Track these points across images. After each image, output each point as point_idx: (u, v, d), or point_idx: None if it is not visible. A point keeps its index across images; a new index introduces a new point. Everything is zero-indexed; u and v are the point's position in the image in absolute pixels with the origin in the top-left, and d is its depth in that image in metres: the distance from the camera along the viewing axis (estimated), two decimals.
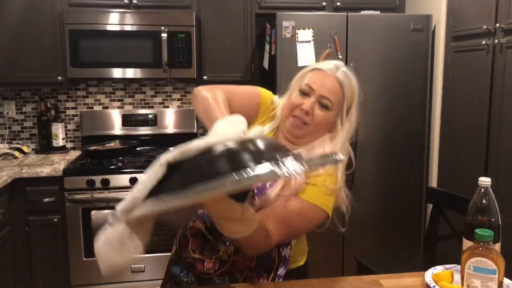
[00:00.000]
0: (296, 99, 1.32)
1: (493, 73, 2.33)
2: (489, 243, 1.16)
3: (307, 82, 1.32)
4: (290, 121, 1.33)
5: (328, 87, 1.31)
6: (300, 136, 1.34)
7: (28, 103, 3.23)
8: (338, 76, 1.31)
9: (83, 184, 2.69)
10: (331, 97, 1.30)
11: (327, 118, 1.32)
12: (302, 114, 1.30)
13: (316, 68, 1.35)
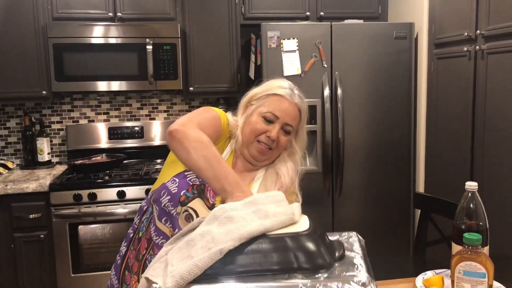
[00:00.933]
0: (259, 125, 1.38)
1: (476, 78, 2.37)
2: (477, 247, 1.18)
3: (270, 110, 1.38)
4: (255, 147, 1.40)
5: (291, 114, 1.40)
6: (264, 160, 1.43)
7: (12, 118, 3.19)
8: (297, 102, 1.41)
9: (69, 199, 2.66)
10: (293, 123, 1.41)
11: (288, 141, 1.44)
12: (268, 141, 1.38)
13: (275, 94, 1.40)
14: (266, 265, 0.96)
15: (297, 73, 2.74)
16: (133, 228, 1.47)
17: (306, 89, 2.73)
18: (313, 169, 2.83)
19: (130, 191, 2.70)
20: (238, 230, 0.97)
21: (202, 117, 1.37)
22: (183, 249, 0.98)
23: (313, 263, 0.97)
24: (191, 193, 1.32)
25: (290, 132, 1.42)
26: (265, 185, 1.42)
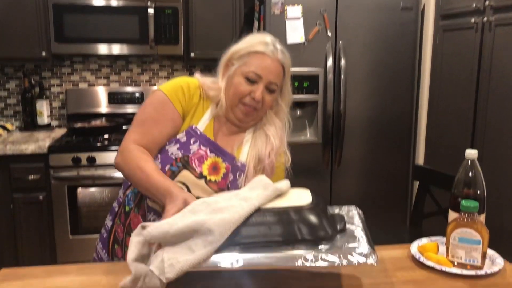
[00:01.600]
0: (242, 87, 1.33)
1: (482, 52, 2.33)
2: (474, 214, 1.18)
3: (253, 69, 1.32)
4: (240, 109, 1.36)
5: (275, 72, 1.34)
6: (250, 121, 1.40)
7: (11, 79, 3.16)
8: (280, 59, 1.35)
9: (68, 162, 2.66)
10: (277, 80, 1.35)
11: (274, 99, 1.39)
12: (252, 102, 1.34)
13: (256, 51, 1.33)
14: (270, 236, 0.99)
15: (301, 41, 2.69)
16: (118, 202, 1.46)
17: (309, 58, 2.73)
18: (312, 140, 2.82)
19: None
20: (232, 217, 0.99)
21: (141, 120, 1.34)
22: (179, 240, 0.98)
23: (316, 235, 1.00)
24: (175, 167, 1.30)
25: (275, 90, 1.36)
26: (256, 147, 1.40)
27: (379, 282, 1.13)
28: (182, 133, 1.34)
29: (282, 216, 1.02)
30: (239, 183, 1.37)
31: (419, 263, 1.22)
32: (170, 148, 1.32)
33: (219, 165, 1.34)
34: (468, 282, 1.13)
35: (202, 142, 1.34)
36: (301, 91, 2.74)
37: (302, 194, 1.14)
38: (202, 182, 1.31)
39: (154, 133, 1.31)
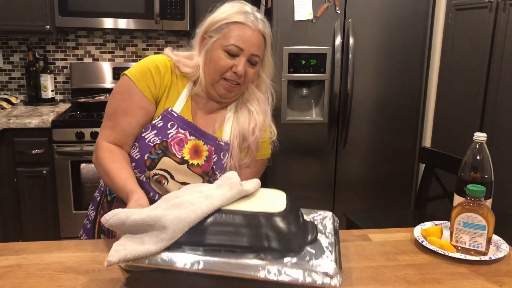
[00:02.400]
0: (223, 62, 1.25)
1: (495, 32, 2.26)
2: (480, 199, 1.15)
3: (233, 42, 1.24)
4: (221, 85, 1.28)
5: (256, 44, 1.26)
6: (232, 97, 1.33)
7: (15, 52, 3.13)
8: (261, 29, 1.26)
9: (72, 137, 2.65)
10: (259, 52, 1.28)
11: (256, 72, 1.32)
12: (234, 76, 1.26)
13: (236, 22, 1.24)
14: (236, 240, 0.94)
15: (309, 18, 2.63)
16: (100, 191, 1.42)
17: (316, 36, 2.67)
18: (318, 120, 2.78)
19: None
20: (187, 216, 0.94)
21: (110, 112, 1.26)
22: (135, 231, 0.96)
23: (284, 245, 0.94)
24: (155, 155, 1.24)
25: (257, 62, 1.28)
26: (239, 124, 1.34)
27: (380, 265, 1.11)
28: (158, 118, 1.26)
29: (252, 221, 0.96)
30: (224, 163, 1.32)
31: (422, 247, 1.20)
32: (147, 135, 1.25)
33: (201, 148, 1.29)
34: (472, 268, 1.11)
35: (180, 125, 1.27)
36: (308, 70, 2.69)
37: (277, 197, 1.07)
38: (184, 167, 1.26)
39: (123, 125, 1.24)
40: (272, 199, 1.06)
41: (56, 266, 1.06)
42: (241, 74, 1.26)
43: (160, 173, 1.25)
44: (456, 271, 1.09)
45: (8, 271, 1.04)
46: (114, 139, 1.25)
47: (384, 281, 1.04)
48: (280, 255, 0.93)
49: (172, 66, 1.30)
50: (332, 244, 1.02)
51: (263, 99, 1.36)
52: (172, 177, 1.26)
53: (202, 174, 1.28)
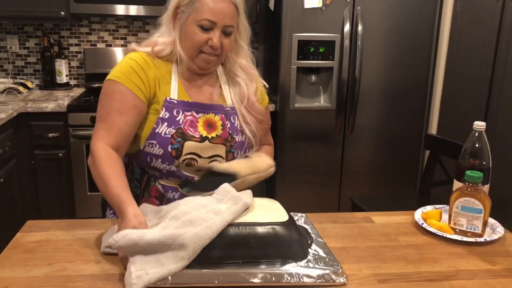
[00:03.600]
0: (198, 36, 1.26)
1: (502, 20, 2.30)
2: (478, 184, 1.21)
3: (205, 16, 1.24)
4: (201, 59, 1.30)
5: (229, 14, 1.27)
6: (214, 67, 1.36)
7: (31, 38, 3.20)
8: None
9: (87, 121, 2.73)
10: (233, 22, 1.29)
11: (233, 40, 1.33)
12: (211, 49, 1.28)
13: None
14: (252, 252, 1.00)
15: (318, 6, 2.67)
16: None
17: (325, 23, 2.71)
18: (326, 106, 2.84)
19: None
20: (205, 232, 0.96)
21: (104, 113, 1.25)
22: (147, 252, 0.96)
23: (294, 252, 1.02)
24: (176, 144, 1.28)
25: (231, 32, 1.30)
26: (235, 90, 1.39)
27: (382, 245, 1.19)
28: (162, 110, 1.29)
29: (264, 231, 1.02)
30: (237, 125, 1.37)
31: (422, 229, 1.28)
32: (160, 129, 1.28)
33: (213, 120, 1.33)
34: (467, 248, 1.18)
35: (183, 108, 1.31)
36: (316, 57, 2.74)
37: (275, 207, 1.14)
38: (206, 143, 1.31)
39: (121, 124, 1.22)
40: (272, 209, 1.13)
41: (81, 242, 1.15)
42: (217, 47, 1.28)
43: (187, 157, 1.29)
44: (453, 251, 1.17)
45: (38, 245, 1.13)
46: (111, 140, 1.22)
47: (384, 259, 1.12)
48: (293, 261, 1.01)
49: (148, 58, 1.30)
50: (324, 245, 1.12)
51: (245, 65, 1.39)
52: (199, 156, 1.31)
53: (224, 142, 1.34)
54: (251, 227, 1.02)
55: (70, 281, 0.99)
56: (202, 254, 0.96)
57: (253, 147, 1.43)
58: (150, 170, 1.34)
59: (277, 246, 1.01)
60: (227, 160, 1.35)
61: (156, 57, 1.31)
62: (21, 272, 1.01)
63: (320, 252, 1.07)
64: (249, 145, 1.41)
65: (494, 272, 1.08)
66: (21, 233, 1.20)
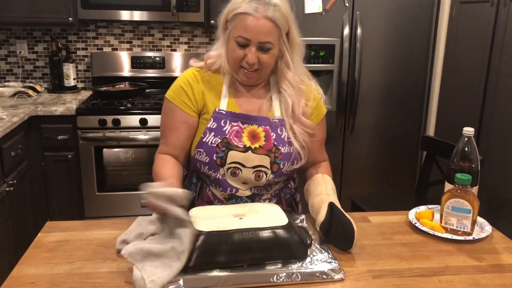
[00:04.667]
0: (236, 53, 1.31)
1: (496, 26, 2.37)
2: (467, 186, 1.30)
3: (239, 33, 1.28)
4: (241, 73, 1.35)
5: (263, 31, 1.27)
6: (257, 81, 1.40)
7: (39, 42, 3.29)
8: (267, 14, 1.26)
9: (95, 123, 2.82)
10: (270, 38, 1.29)
11: (274, 56, 1.34)
12: (248, 65, 1.32)
13: (241, 13, 1.28)
14: (257, 255, 1.08)
15: (318, 11, 2.75)
16: None
17: (325, 28, 2.79)
18: (327, 108, 2.89)
19: (152, 119, 2.84)
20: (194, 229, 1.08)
21: (162, 131, 1.42)
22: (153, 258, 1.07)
23: (295, 253, 1.11)
24: (221, 153, 1.35)
25: (269, 49, 1.30)
26: (286, 102, 1.39)
27: (377, 244, 1.27)
28: (210, 121, 1.37)
29: (267, 236, 1.10)
30: (284, 137, 1.39)
31: (415, 228, 1.36)
32: (207, 139, 1.36)
33: (256, 131, 1.38)
34: (457, 246, 1.27)
35: (231, 119, 1.37)
36: (317, 60, 2.83)
37: (276, 211, 1.22)
38: (249, 153, 1.36)
39: (173, 140, 1.39)
40: (272, 213, 1.21)
41: (98, 242, 1.24)
42: (252, 63, 1.30)
43: (232, 166, 1.36)
44: (443, 249, 1.26)
45: (58, 245, 1.22)
46: (167, 152, 1.40)
47: (379, 257, 1.21)
48: (295, 261, 1.10)
49: (199, 73, 1.41)
50: (323, 243, 1.21)
51: (293, 79, 1.38)
52: (243, 165, 1.37)
53: (267, 152, 1.37)
54: (253, 232, 1.10)
55: (90, 277, 1.08)
56: (210, 259, 1.06)
57: (302, 159, 1.43)
58: (202, 176, 1.44)
59: (279, 248, 1.10)
60: (272, 171, 1.38)
61: (209, 70, 1.41)
62: (45, 270, 1.11)
63: (319, 251, 1.16)
64: (298, 156, 1.42)
65: (480, 268, 1.16)
66: (42, 233, 1.29)
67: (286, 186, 1.53)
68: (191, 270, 1.05)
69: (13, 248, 2.35)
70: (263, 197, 1.45)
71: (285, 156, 1.39)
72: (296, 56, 1.38)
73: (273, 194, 1.48)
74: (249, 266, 1.08)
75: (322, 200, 1.31)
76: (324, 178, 1.45)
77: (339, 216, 1.22)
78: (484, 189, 1.65)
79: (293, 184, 1.58)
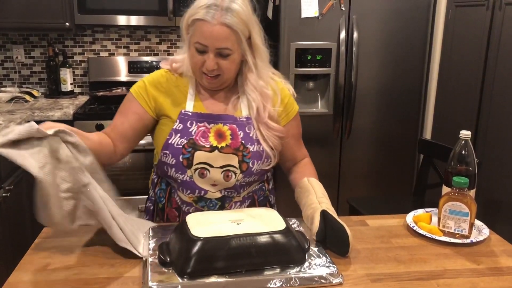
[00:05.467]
0: (195, 59, 1.32)
1: (491, 30, 2.39)
2: (464, 189, 1.30)
3: (196, 39, 1.28)
4: (204, 79, 1.35)
5: (220, 38, 1.26)
6: (220, 86, 1.39)
7: (36, 47, 3.29)
8: (223, 21, 1.25)
9: (92, 128, 2.81)
10: (227, 44, 1.28)
11: (234, 61, 1.33)
12: (208, 71, 1.32)
13: (198, 19, 1.27)
14: (255, 260, 1.08)
15: (315, 15, 2.76)
16: (151, 201, 1.52)
17: (322, 32, 2.80)
18: (324, 112, 2.93)
19: None
20: None
21: (115, 115, 1.43)
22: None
23: (292, 257, 1.11)
24: (187, 153, 1.34)
25: (229, 54, 1.30)
26: (252, 102, 1.40)
27: (375, 247, 1.27)
28: (176, 122, 1.37)
29: (264, 241, 1.10)
30: (252, 136, 1.39)
31: (413, 231, 1.36)
32: (173, 140, 1.36)
33: (222, 130, 1.37)
34: (455, 249, 1.27)
35: (197, 120, 1.37)
36: (314, 64, 2.83)
37: (272, 216, 1.22)
38: (216, 153, 1.35)
39: (117, 123, 1.40)
40: (270, 218, 1.21)
41: (95, 248, 1.24)
42: (211, 69, 1.30)
43: (199, 166, 1.35)
44: (441, 252, 1.26)
45: (56, 251, 1.22)
46: (106, 131, 1.39)
47: (377, 260, 1.20)
48: (293, 265, 1.10)
49: (167, 74, 1.43)
50: (321, 247, 1.20)
51: (257, 84, 1.38)
52: (210, 165, 1.36)
53: (234, 151, 1.37)
54: (251, 237, 1.10)
55: (88, 283, 1.08)
56: (208, 265, 1.06)
57: (272, 161, 1.43)
58: (170, 180, 1.43)
59: (277, 253, 1.10)
60: (241, 170, 1.37)
61: (175, 72, 1.42)
62: (42, 276, 1.10)
63: (316, 255, 1.16)
64: (268, 157, 1.41)
65: (478, 271, 1.16)
66: (39, 239, 1.28)
67: (260, 188, 1.51)
68: (189, 276, 1.04)
69: (10, 254, 2.34)
70: (234, 200, 1.43)
71: (254, 155, 1.38)
72: (259, 60, 1.38)
73: (246, 197, 1.45)
74: (247, 271, 1.08)
75: (314, 210, 1.30)
76: (311, 184, 1.43)
77: (332, 223, 1.23)
78: (482, 192, 1.66)
79: (268, 186, 1.55)
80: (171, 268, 1.08)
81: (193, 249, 1.06)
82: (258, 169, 1.41)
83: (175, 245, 1.12)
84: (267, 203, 1.55)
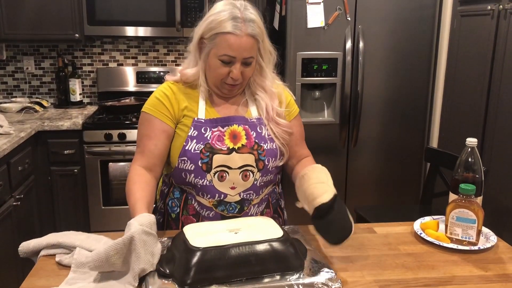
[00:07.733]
0: (220, 70, 1.36)
1: (496, 38, 2.40)
2: (471, 197, 1.31)
3: (224, 52, 1.32)
4: (224, 87, 1.41)
5: (247, 48, 1.33)
6: (237, 91, 1.46)
7: (46, 59, 3.35)
8: (249, 33, 1.32)
9: (101, 138, 2.85)
10: (252, 53, 1.36)
11: (253, 67, 1.41)
12: (232, 80, 1.37)
13: (224, 32, 1.31)
14: (255, 268, 1.08)
15: (321, 25, 2.79)
16: (160, 213, 1.52)
17: (328, 42, 2.84)
18: (330, 121, 2.95)
19: None
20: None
21: (138, 141, 1.43)
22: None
23: (291, 265, 1.12)
24: (205, 158, 1.37)
25: (251, 62, 1.38)
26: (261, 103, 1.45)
27: (383, 254, 1.28)
28: (191, 129, 1.40)
29: (263, 249, 1.10)
30: (264, 135, 1.43)
31: (420, 239, 1.37)
32: (190, 147, 1.38)
33: (237, 131, 1.41)
34: (462, 256, 1.28)
35: (210, 125, 1.40)
36: (320, 73, 2.86)
37: (269, 224, 1.23)
38: (234, 154, 1.38)
39: (151, 147, 1.39)
40: (267, 226, 1.22)
41: None
42: (238, 78, 1.37)
43: (218, 170, 1.38)
44: (449, 259, 1.27)
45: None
46: (144, 162, 1.39)
47: (385, 267, 1.21)
48: (292, 272, 1.10)
49: (175, 86, 1.45)
50: (318, 253, 1.21)
51: (266, 85, 1.45)
52: (229, 167, 1.38)
53: (250, 150, 1.40)
54: (250, 246, 1.10)
55: None
56: (208, 275, 1.06)
57: (285, 156, 1.47)
58: (187, 187, 1.44)
59: (276, 261, 1.10)
60: (258, 169, 1.40)
61: (184, 83, 1.44)
62: (55, 281, 1.12)
63: (314, 261, 1.17)
64: (281, 153, 1.46)
65: (486, 278, 1.17)
66: None
67: (273, 191, 1.54)
68: (189, 287, 1.05)
69: (20, 261, 2.36)
70: (253, 202, 1.44)
71: (269, 152, 1.42)
72: (268, 63, 1.45)
73: (263, 199, 1.48)
74: (247, 280, 1.08)
75: (327, 190, 1.29)
76: (323, 169, 1.41)
77: (343, 208, 1.24)
78: (489, 200, 1.66)
79: (278, 189, 1.59)
80: (170, 279, 1.07)
81: (192, 260, 1.06)
82: (273, 166, 1.44)
83: (174, 257, 1.12)
84: (277, 207, 1.58)
